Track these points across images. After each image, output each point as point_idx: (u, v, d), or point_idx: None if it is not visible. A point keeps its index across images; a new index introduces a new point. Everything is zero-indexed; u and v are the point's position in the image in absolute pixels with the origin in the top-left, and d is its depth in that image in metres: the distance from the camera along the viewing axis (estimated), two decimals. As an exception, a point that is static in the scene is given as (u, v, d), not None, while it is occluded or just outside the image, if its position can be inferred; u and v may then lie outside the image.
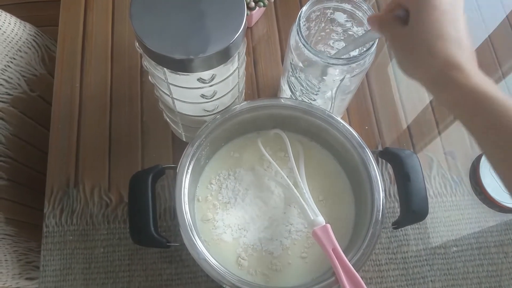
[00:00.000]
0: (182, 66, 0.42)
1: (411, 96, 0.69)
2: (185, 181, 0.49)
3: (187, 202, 0.48)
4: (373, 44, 0.48)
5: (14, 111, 0.74)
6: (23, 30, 0.73)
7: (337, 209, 0.54)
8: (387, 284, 0.58)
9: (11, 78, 0.73)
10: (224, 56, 0.42)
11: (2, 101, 0.71)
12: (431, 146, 0.66)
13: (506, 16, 0.77)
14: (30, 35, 0.74)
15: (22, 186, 0.75)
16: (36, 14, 0.92)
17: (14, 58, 0.72)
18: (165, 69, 0.44)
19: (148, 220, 0.47)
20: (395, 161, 0.51)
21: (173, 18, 0.42)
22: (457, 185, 0.64)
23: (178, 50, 0.41)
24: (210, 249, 0.49)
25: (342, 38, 0.56)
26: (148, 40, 0.41)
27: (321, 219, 0.48)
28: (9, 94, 0.72)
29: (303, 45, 0.47)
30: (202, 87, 0.46)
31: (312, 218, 0.48)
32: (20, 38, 0.72)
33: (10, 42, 0.70)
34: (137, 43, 0.44)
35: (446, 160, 0.65)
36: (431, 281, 0.58)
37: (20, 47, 0.73)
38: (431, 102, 0.69)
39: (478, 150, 0.66)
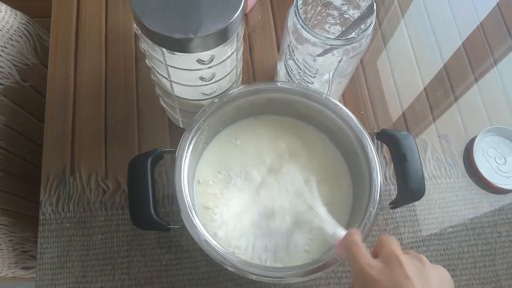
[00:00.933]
0: (181, 46, 0.42)
1: (405, 82, 0.70)
2: (184, 164, 0.49)
3: (186, 185, 0.48)
4: (369, 25, 0.48)
5: (6, 101, 0.73)
6: (14, 18, 0.72)
7: (335, 191, 0.54)
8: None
9: (3, 68, 0.72)
10: (223, 36, 0.42)
11: (-6, 91, 0.70)
12: (426, 130, 0.67)
13: (497, 3, 0.78)
14: (22, 23, 0.73)
15: (15, 177, 0.75)
16: (27, 5, 0.91)
17: (5, 47, 0.71)
18: (164, 50, 0.44)
19: (148, 203, 0.47)
20: (392, 142, 0.52)
21: (171, -2, 0.42)
22: (452, 167, 0.65)
23: (177, 29, 0.40)
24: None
25: (338, 22, 0.56)
26: (147, 20, 0.41)
27: (342, 231, 0.45)
28: (1, 84, 0.72)
29: (301, 26, 0.47)
30: (201, 69, 0.46)
31: (332, 232, 0.46)
32: (12, 26, 0.71)
33: (0, 30, 0.69)
34: (135, 24, 0.44)
35: (440, 143, 0.66)
36: (428, 261, 0.59)
37: (11, 35, 0.72)
38: (425, 87, 0.70)
39: (471, 133, 0.67)
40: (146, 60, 0.51)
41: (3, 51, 0.71)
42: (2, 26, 0.70)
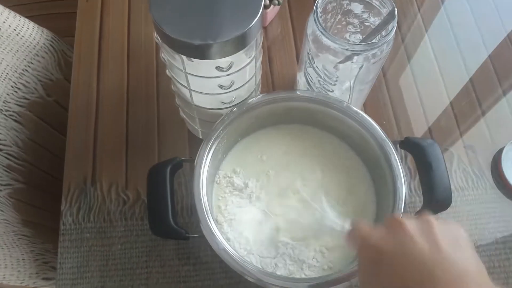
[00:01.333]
0: (200, 52, 0.42)
1: (429, 92, 0.69)
2: (203, 172, 0.49)
3: (205, 194, 0.48)
4: (391, 31, 0.47)
5: (31, 115, 0.75)
6: (41, 35, 0.74)
7: (358, 200, 0.53)
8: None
9: (28, 83, 0.74)
10: (242, 42, 0.42)
11: (20, 105, 0.72)
12: (451, 141, 0.65)
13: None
14: (48, 40, 0.75)
15: (38, 190, 0.76)
16: (53, 25, 0.94)
17: (32, 63, 0.74)
18: (183, 57, 0.44)
19: (167, 211, 0.46)
20: (416, 151, 0.50)
21: (191, 6, 0.42)
22: (479, 178, 0.62)
23: (196, 36, 0.41)
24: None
25: (359, 30, 0.56)
26: (167, 27, 0.41)
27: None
28: (26, 99, 0.73)
29: (321, 32, 0.47)
30: (220, 76, 0.46)
31: (340, 229, 0.46)
32: (38, 43, 0.74)
33: (28, 46, 0.72)
34: (155, 33, 0.44)
35: (466, 154, 0.64)
36: (456, 277, 0.56)
37: (37, 51, 0.74)
38: (449, 98, 0.68)
39: (499, 143, 0.64)
40: (166, 70, 0.51)
41: (29, 67, 0.73)
42: (29, 43, 0.72)
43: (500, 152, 0.63)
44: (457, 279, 0.29)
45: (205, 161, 0.49)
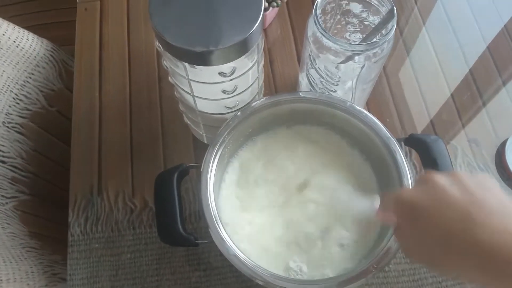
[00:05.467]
0: (203, 59, 0.42)
1: (430, 87, 0.69)
2: (210, 178, 0.49)
3: (213, 199, 0.48)
4: (391, 30, 0.47)
5: (34, 127, 0.75)
6: (41, 45, 0.74)
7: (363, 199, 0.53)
8: (420, 275, 0.56)
9: (30, 94, 0.74)
10: (244, 47, 0.42)
11: (22, 117, 0.72)
12: (454, 135, 0.65)
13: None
14: (48, 50, 0.75)
15: (44, 201, 0.76)
16: (53, 34, 0.94)
17: (33, 74, 0.74)
18: (186, 64, 0.44)
19: (176, 218, 0.46)
20: (421, 147, 0.50)
21: (191, 12, 0.42)
22: (484, 172, 0.62)
23: (198, 42, 0.41)
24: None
25: (358, 29, 0.56)
26: (168, 35, 0.41)
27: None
28: (28, 110, 0.73)
29: (322, 34, 0.47)
30: (223, 82, 0.46)
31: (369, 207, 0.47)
32: (38, 53, 0.74)
33: (28, 57, 0.72)
34: (157, 42, 0.44)
35: (470, 148, 0.64)
36: (466, 271, 0.56)
37: (38, 62, 0.74)
38: (451, 92, 0.68)
39: (502, 136, 0.64)
40: (169, 77, 0.51)
41: (30, 77, 0.73)
42: (29, 54, 0.72)
43: (503, 144, 0.63)
44: (491, 214, 0.31)
45: (212, 167, 0.49)
